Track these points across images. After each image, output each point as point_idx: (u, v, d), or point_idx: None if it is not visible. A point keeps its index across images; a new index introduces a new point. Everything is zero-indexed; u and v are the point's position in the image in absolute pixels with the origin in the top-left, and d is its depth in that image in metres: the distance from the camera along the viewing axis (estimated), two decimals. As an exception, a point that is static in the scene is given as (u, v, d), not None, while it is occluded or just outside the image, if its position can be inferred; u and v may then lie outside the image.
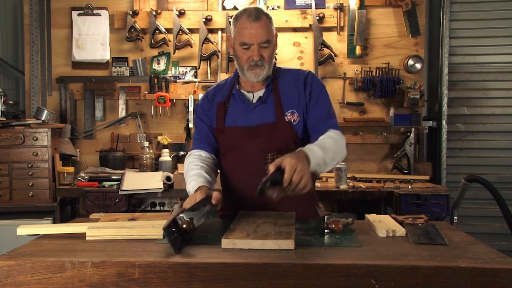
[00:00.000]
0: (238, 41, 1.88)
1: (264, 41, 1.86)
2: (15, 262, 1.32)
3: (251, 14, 1.86)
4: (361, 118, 3.66)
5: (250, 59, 1.87)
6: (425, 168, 3.47)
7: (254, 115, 1.93)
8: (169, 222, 1.45)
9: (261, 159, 1.90)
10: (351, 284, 1.27)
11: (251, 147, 1.91)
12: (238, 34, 1.88)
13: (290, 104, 1.94)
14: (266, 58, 1.89)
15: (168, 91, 3.66)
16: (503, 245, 3.54)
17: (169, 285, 1.29)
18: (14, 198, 3.09)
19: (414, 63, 3.60)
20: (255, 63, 1.87)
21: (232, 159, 1.97)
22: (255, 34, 1.85)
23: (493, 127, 3.74)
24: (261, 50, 1.87)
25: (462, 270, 1.26)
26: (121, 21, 3.68)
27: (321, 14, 3.60)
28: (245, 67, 1.90)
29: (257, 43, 1.85)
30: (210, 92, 2.08)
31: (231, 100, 1.99)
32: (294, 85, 1.97)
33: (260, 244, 1.44)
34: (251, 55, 1.87)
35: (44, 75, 3.73)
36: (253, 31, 1.85)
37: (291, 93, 1.95)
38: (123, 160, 3.51)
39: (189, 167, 1.94)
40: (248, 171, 1.92)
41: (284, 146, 1.90)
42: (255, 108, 1.94)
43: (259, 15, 1.86)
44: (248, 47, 1.87)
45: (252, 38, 1.85)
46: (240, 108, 1.96)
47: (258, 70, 1.89)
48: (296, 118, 1.93)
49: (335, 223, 1.56)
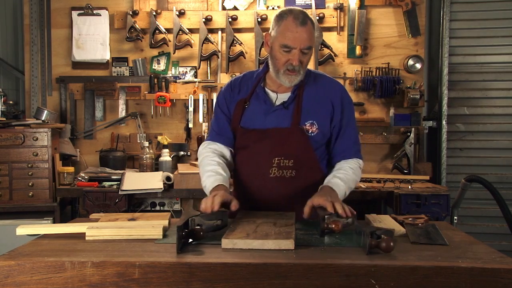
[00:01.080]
0: (279, 42, 1.82)
1: (306, 47, 1.81)
2: (15, 262, 1.32)
3: (297, 16, 1.81)
4: (361, 118, 3.66)
5: (289, 62, 1.82)
6: (425, 168, 3.47)
7: (271, 118, 1.92)
8: (183, 222, 1.46)
9: (267, 162, 1.91)
10: (351, 284, 1.27)
11: (259, 149, 1.92)
12: (281, 35, 1.81)
13: (312, 114, 1.91)
14: (304, 64, 1.86)
15: (168, 91, 3.66)
16: (503, 245, 3.54)
17: (169, 285, 1.29)
18: (14, 198, 3.09)
19: (414, 63, 3.60)
20: (293, 68, 1.82)
21: (242, 157, 1.99)
22: (299, 39, 1.79)
23: (493, 127, 3.74)
24: (301, 55, 1.82)
25: (462, 270, 1.27)
26: (121, 21, 3.68)
27: (321, 14, 3.60)
28: (282, 70, 1.85)
29: (300, 48, 1.80)
30: (235, 82, 2.04)
31: (253, 98, 1.96)
32: (323, 96, 1.94)
33: (260, 244, 1.44)
34: (291, 59, 1.81)
35: (44, 75, 3.73)
36: (298, 35, 1.79)
37: (316, 104, 1.92)
38: (123, 160, 3.51)
39: (205, 161, 1.95)
40: (255, 171, 1.94)
41: (293, 153, 1.90)
42: (274, 112, 1.92)
43: (305, 19, 1.81)
44: (289, 50, 1.81)
45: (296, 42, 1.79)
46: (260, 109, 1.93)
47: (293, 76, 1.85)
48: (315, 130, 1.91)
49: (335, 223, 1.56)
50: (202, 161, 1.97)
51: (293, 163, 1.90)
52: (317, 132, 1.90)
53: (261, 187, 1.93)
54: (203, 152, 2.00)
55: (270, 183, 1.91)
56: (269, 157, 1.90)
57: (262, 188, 1.93)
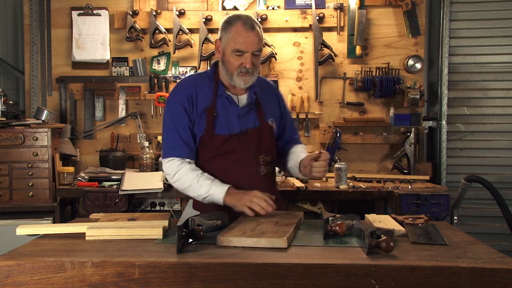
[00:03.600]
0: (231, 47, 1.90)
1: (258, 49, 1.92)
2: (15, 262, 1.32)
3: (246, 22, 1.90)
4: (361, 118, 3.66)
5: (242, 66, 1.91)
6: (425, 168, 3.47)
7: (244, 119, 2.01)
8: (183, 222, 1.46)
9: (255, 162, 2.00)
10: (351, 284, 1.27)
11: (245, 152, 1.98)
12: (232, 40, 1.90)
13: (269, 113, 2.08)
14: (256, 65, 1.96)
15: (168, 91, 3.66)
16: (503, 245, 3.54)
17: (169, 285, 1.29)
18: (14, 198, 3.08)
19: (414, 63, 3.60)
20: (246, 70, 1.91)
21: (224, 163, 1.98)
22: (250, 42, 1.89)
23: (493, 127, 3.74)
24: (253, 58, 1.92)
25: (462, 270, 1.27)
26: (121, 21, 3.68)
27: (321, 14, 3.60)
28: (235, 73, 1.93)
29: (251, 51, 1.90)
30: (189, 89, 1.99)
31: (218, 103, 1.98)
32: (269, 95, 2.13)
33: (254, 242, 1.45)
34: (244, 62, 1.90)
35: (44, 75, 3.73)
36: (249, 39, 1.89)
37: (267, 102, 2.09)
38: (123, 160, 3.50)
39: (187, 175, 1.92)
40: (245, 173, 1.98)
41: (269, 148, 2.06)
42: (244, 113, 2.01)
43: (253, 24, 1.91)
44: (241, 54, 1.90)
45: (248, 46, 1.89)
46: (229, 112, 1.99)
47: (247, 77, 1.93)
48: (274, 126, 2.09)
49: (339, 226, 1.56)
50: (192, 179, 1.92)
51: (271, 158, 2.07)
52: (275, 128, 2.10)
53: (253, 188, 1.90)
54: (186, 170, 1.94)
55: (261, 181, 1.99)
56: (257, 156, 2.01)
57: (255, 187, 1.90)
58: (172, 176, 1.96)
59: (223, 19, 1.99)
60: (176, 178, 1.95)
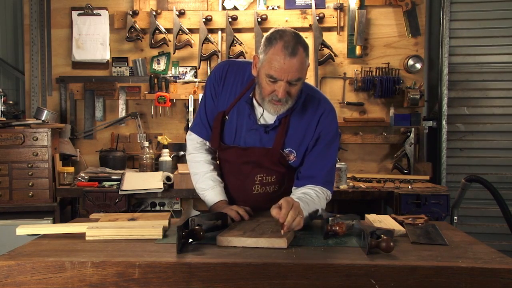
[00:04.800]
0: (265, 71, 1.65)
1: (296, 79, 1.65)
2: (15, 262, 1.32)
3: (288, 45, 1.61)
4: (361, 118, 3.66)
5: (274, 94, 1.67)
6: (425, 168, 3.47)
7: (253, 135, 1.83)
8: (183, 222, 1.46)
9: (249, 179, 1.90)
10: (351, 284, 1.27)
11: (241, 165, 1.90)
12: (267, 63, 1.64)
13: (292, 143, 1.82)
14: (292, 95, 1.70)
15: (168, 91, 3.66)
16: (503, 245, 3.54)
17: (169, 285, 1.29)
18: (14, 198, 3.08)
19: (414, 63, 3.60)
20: (279, 100, 1.67)
21: (226, 169, 1.99)
22: (287, 71, 1.62)
23: (493, 127, 3.74)
24: (289, 87, 1.66)
25: (462, 270, 1.27)
26: (121, 21, 3.68)
27: (321, 14, 3.60)
28: (267, 99, 1.71)
29: (287, 80, 1.63)
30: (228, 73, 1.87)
31: (237, 106, 1.84)
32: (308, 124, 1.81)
33: (254, 242, 1.45)
34: (277, 90, 1.66)
35: (44, 75, 3.73)
36: (286, 67, 1.61)
37: (299, 131, 1.82)
38: (123, 160, 3.50)
39: (199, 163, 1.96)
40: (239, 186, 1.94)
41: (272, 168, 1.86)
42: (257, 130, 1.83)
43: (296, 48, 1.61)
44: (275, 81, 1.65)
45: (283, 74, 1.62)
46: (242, 124, 1.84)
47: (279, 106, 1.70)
48: (293, 158, 1.83)
49: (339, 226, 1.56)
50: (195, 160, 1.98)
51: (275, 179, 1.89)
52: (294, 160, 1.84)
53: (245, 201, 1.91)
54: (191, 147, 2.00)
55: (253, 198, 1.91)
56: (251, 174, 1.88)
57: (246, 202, 1.90)
58: (188, 153, 2.02)
59: (267, 33, 1.70)
60: (189, 158, 2.01)
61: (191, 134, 2.01)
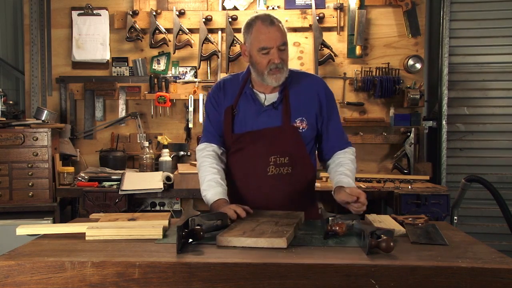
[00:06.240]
0: (256, 47, 1.90)
1: (282, 43, 1.89)
2: (15, 262, 1.32)
3: (265, 19, 1.89)
4: (361, 118, 3.66)
5: (271, 62, 1.89)
6: (425, 168, 3.47)
7: (262, 118, 1.98)
8: (183, 222, 1.46)
9: (264, 161, 1.97)
10: (351, 284, 1.27)
11: (254, 150, 1.97)
12: (255, 40, 1.90)
13: (300, 111, 1.99)
14: (285, 60, 1.93)
15: (168, 91, 3.66)
16: (503, 245, 3.54)
17: (169, 285, 1.29)
18: (14, 198, 3.08)
19: (414, 63, 3.60)
20: (276, 66, 1.89)
21: (238, 159, 2.03)
22: (273, 37, 1.87)
23: (493, 127, 3.74)
24: (280, 53, 1.89)
25: (462, 270, 1.27)
26: (121, 21, 3.68)
27: (321, 14, 3.59)
28: (265, 72, 1.91)
29: (276, 46, 1.87)
30: (224, 83, 2.08)
31: (241, 100, 2.01)
32: (307, 93, 2.01)
33: (254, 242, 1.45)
34: (272, 58, 1.88)
35: (44, 75, 3.73)
36: (271, 34, 1.87)
37: (302, 101, 2.00)
38: (123, 160, 3.50)
39: (205, 169, 2.00)
40: (252, 171, 1.99)
41: (287, 149, 1.97)
42: (265, 112, 1.98)
43: (273, 20, 1.90)
44: (267, 52, 1.88)
45: (271, 41, 1.87)
46: (251, 110, 1.99)
47: (278, 74, 1.91)
48: (305, 126, 1.99)
49: (339, 226, 1.56)
50: (200, 164, 2.04)
51: (288, 160, 1.98)
52: (307, 128, 1.99)
53: (259, 186, 1.97)
54: (201, 155, 2.05)
55: (268, 181, 1.97)
56: (266, 156, 1.97)
57: (260, 187, 1.97)
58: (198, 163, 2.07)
59: (244, 24, 1.99)
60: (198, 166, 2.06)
61: (200, 146, 2.10)
